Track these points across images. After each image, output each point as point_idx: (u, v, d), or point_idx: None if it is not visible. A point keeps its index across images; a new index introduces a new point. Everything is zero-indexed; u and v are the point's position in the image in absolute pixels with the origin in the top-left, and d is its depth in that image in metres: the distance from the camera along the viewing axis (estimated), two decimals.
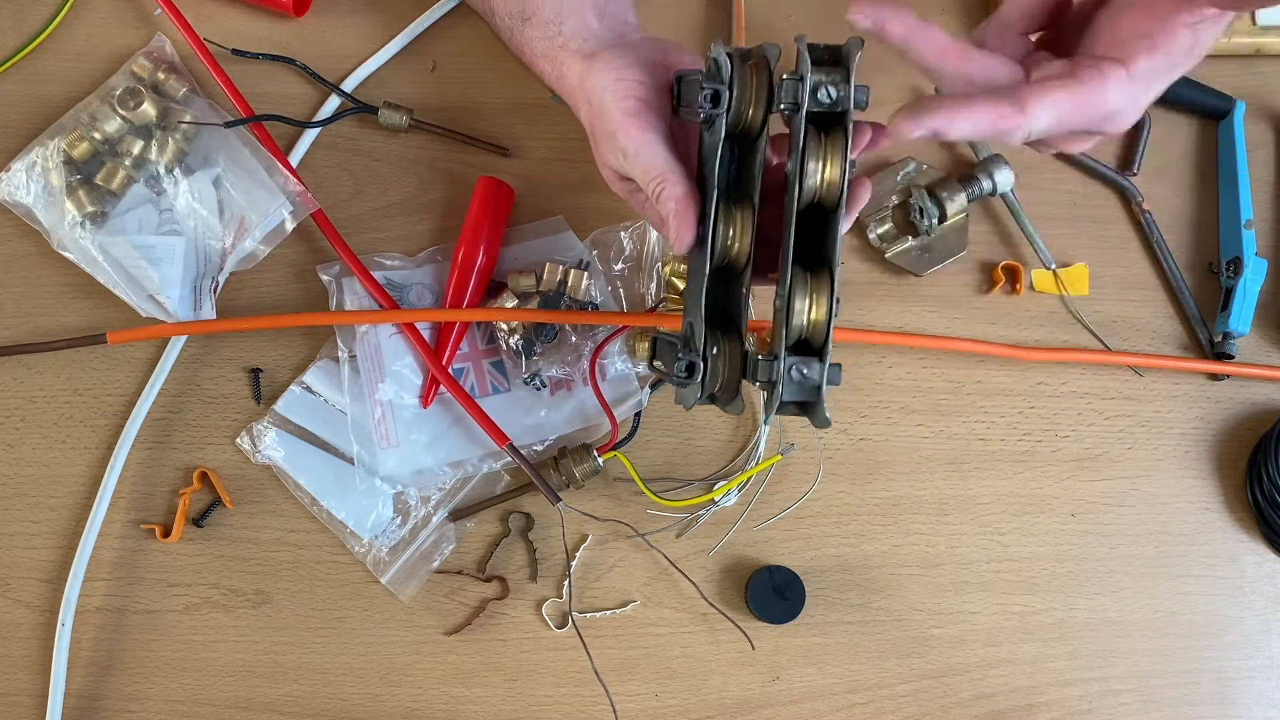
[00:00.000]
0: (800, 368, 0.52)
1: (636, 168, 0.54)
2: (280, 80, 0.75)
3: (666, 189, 0.53)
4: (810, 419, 0.54)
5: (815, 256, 0.53)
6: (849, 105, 0.51)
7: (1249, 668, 0.69)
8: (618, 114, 0.54)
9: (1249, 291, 0.72)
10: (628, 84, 0.54)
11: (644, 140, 0.54)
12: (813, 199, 0.52)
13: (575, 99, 0.59)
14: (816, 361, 0.52)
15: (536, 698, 0.68)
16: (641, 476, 0.69)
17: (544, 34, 0.60)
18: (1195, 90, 0.75)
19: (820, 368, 0.52)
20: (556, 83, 0.60)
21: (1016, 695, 0.69)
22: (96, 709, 0.68)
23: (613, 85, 0.55)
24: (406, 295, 0.71)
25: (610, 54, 0.56)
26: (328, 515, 0.69)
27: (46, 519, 0.70)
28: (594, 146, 0.58)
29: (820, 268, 0.53)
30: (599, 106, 0.55)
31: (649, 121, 0.54)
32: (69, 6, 0.76)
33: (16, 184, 0.71)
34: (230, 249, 0.71)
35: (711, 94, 0.52)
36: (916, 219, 0.71)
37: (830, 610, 0.69)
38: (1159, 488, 0.72)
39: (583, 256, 0.72)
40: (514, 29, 0.62)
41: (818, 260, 0.53)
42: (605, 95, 0.55)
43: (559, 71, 0.59)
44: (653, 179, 0.53)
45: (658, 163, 0.53)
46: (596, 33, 0.59)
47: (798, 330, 0.53)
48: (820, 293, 0.52)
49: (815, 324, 0.53)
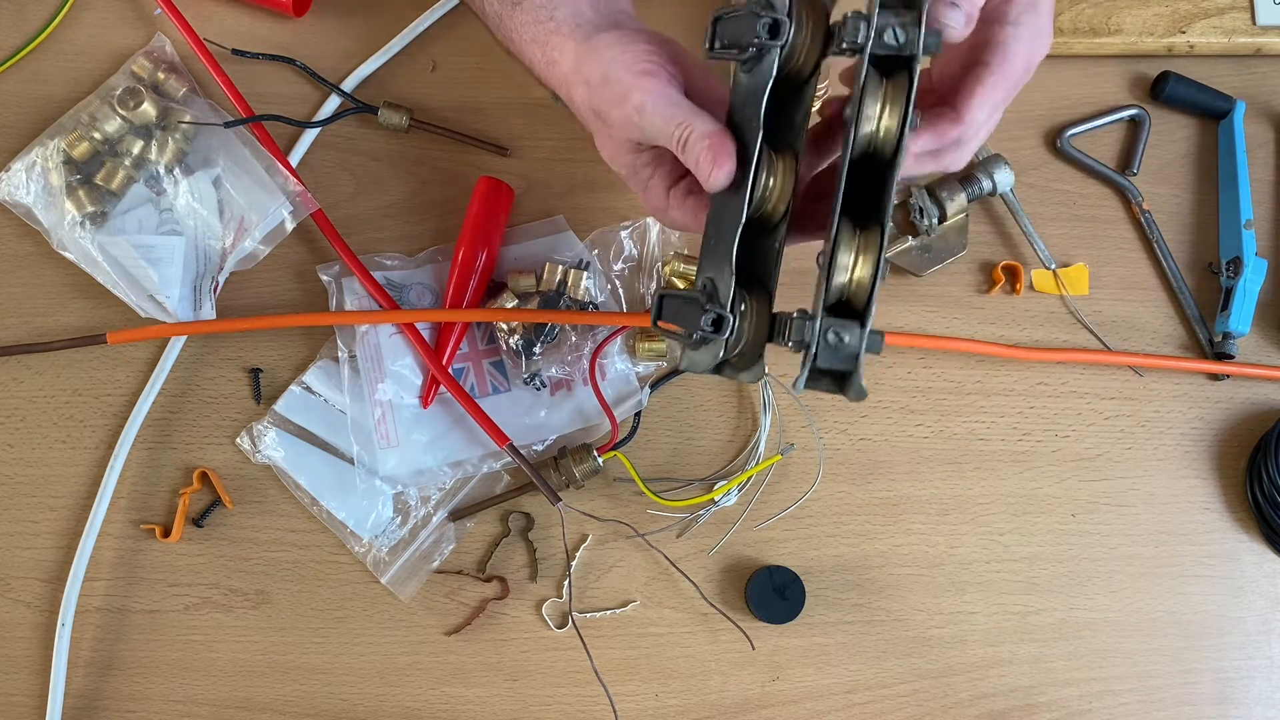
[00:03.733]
0: (838, 331, 0.47)
1: (657, 119, 0.52)
2: (280, 80, 0.75)
3: (695, 130, 0.50)
4: (844, 393, 0.49)
5: (864, 211, 0.49)
6: (917, 50, 0.47)
7: (1249, 668, 0.69)
8: (628, 76, 0.52)
9: (1249, 291, 0.72)
10: (636, 52, 0.53)
11: (662, 92, 0.52)
12: (867, 148, 0.49)
13: (569, 84, 0.57)
14: (856, 326, 0.48)
15: (536, 698, 0.68)
16: (641, 476, 0.69)
17: (534, 18, 0.58)
18: (1195, 90, 0.75)
19: (860, 333, 0.47)
20: (546, 69, 0.59)
21: (1016, 695, 0.69)
22: (96, 709, 0.68)
23: (619, 56, 0.53)
24: (406, 295, 0.71)
25: (611, 35, 0.55)
26: (328, 515, 0.69)
27: (46, 519, 0.70)
28: (596, 125, 0.57)
29: (870, 223, 0.49)
30: (603, 78, 0.54)
31: (664, 79, 0.53)
32: (69, 6, 0.76)
33: (16, 184, 0.71)
34: (230, 249, 0.71)
35: (770, 24, 0.48)
36: (916, 219, 0.71)
37: (830, 610, 0.69)
38: (1159, 488, 0.72)
39: (583, 256, 0.72)
40: (503, 14, 0.60)
41: (867, 215, 0.49)
42: (611, 66, 0.53)
43: (549, 57, 0.58)
44: (678, 125, 0.51)
45: (681, 110, 0.51)
46: (591, 19, 0.57)
47: (838, 290, 0.49)
48: (868, 250, 0.48)
49: (859, 283, 0.48)
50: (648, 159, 0.56)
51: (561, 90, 0.58)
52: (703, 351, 0.50)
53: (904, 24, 0.48)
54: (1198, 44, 0.75)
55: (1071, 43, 0.75)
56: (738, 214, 0.50)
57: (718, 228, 0.51)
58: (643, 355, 0.71)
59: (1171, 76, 0.75)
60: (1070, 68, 0.77)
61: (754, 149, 0.49)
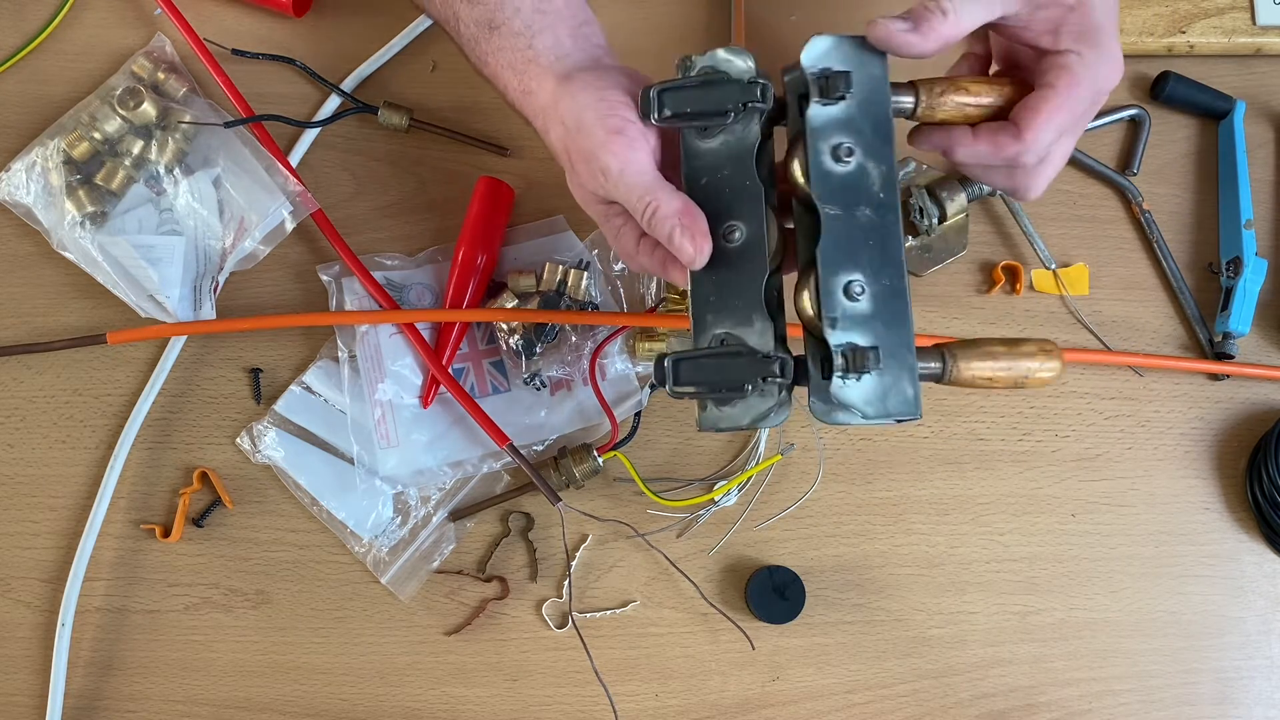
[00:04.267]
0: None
1: (621, 188, 0.53)
2: (280, 80, 0.75)
3: (662, 207, 0.52)
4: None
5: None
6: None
7: (1249, 668, 0.69)
8: (600, 131, 0.53)
9: (1249, 291, 0.72)
10: (611, 104, 0.53)
11: (628, 159, 0.52)
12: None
13: (546, 119, 0.57)
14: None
15: (536, 698, 0.68)
16: (641, 476, 0.69)
17: (511, 45, 0.58)
18: (1195, 90, 0.75)
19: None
20: (522, 98, 0.58)
21: (1016, 695, 0.69)
22: (96, 709, 0.68)
23: (595, 104, 0.53)
24: (406, 295, 0.71)
25: (589, 75, 0.55)
26: (328, 515, 0.69)
27: (46, 519, 0.70)
28: (569, 168, 0.57)
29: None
30: (577, 126, 0.54)
31: (633, 140, 0.53)
32: (69, 6, 0.76)
33: (16, 184, 0.71)
34: (230, 249, 0.71)
35: (762, 89, 0.53)
36: (916, 219, 0.71)
37: (830, 610, 0.69)
38: (1159, 488, 0.72)
39: (583, 256, 0.72)
40: (479, 38, 0.59)
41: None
42: (586, 114, 0.53)
43: (526, 86, 0.58)
44: (642, 199, 0.52)
45: (645, 181, 0.52)
46: (570, 51, 0.57)
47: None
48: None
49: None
50: (618, 210, 0.56)
51: (537, 122, 0.58)
52: (739, 406, 0.52)
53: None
54: (1198, 44, 0.75)
55: None
56: (751, 271, 0.53)
57: (721, 288, 0.54)
58: (643, 355, 0.71)
59: (1171, 76, 0.75)
60: None
61: (763, 210, 0.53)
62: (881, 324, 0.52)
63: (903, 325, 0.52)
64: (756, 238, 0.53)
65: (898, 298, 0.52)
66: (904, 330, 0.52)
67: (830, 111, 0.54)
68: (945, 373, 0.53)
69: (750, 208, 0.53)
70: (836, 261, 0.52)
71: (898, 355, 0.52)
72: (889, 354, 0.52)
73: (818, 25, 0.76)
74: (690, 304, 0.54)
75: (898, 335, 0.52)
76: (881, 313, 0.52)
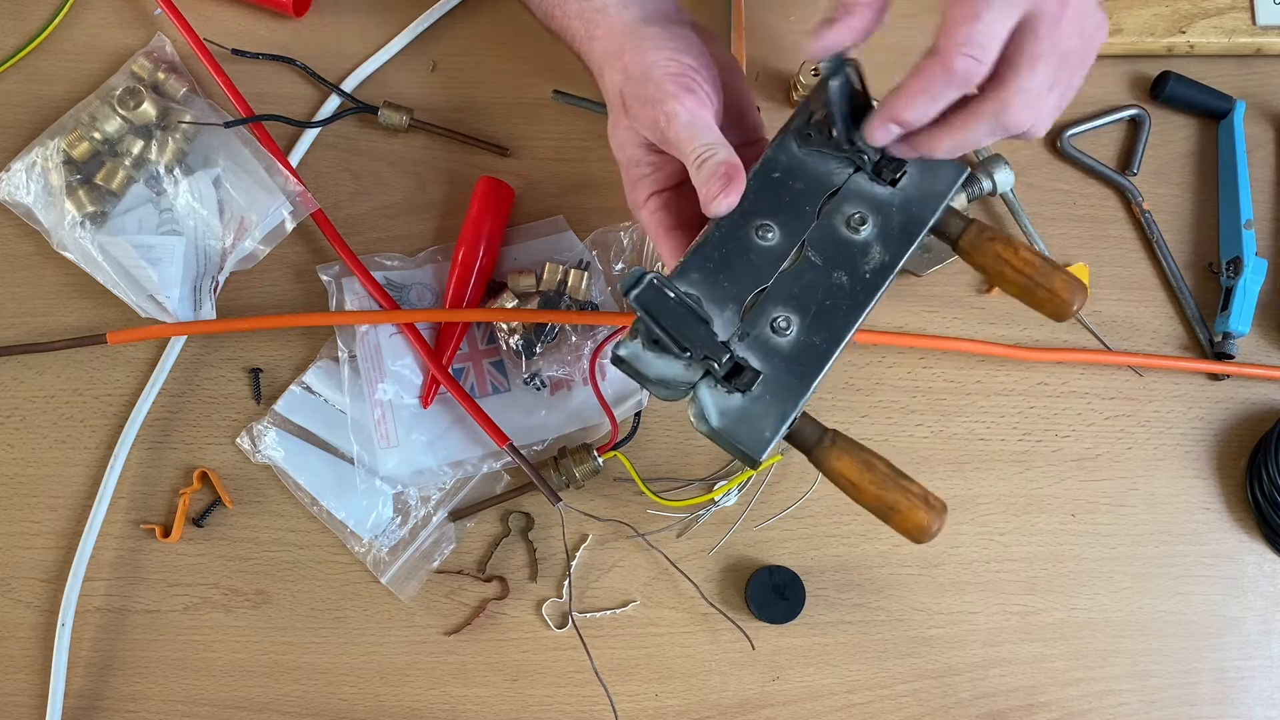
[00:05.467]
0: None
1: (683, 133, 0.54)
2: (280, 80, 0.75)
3: (718, 155, 0.53)
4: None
5: None
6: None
7: (1249, 668, 0.69)
8: (669, 84, 0.55)
9: (1249, 291, 0.72)
10: (683, 65, 0.55)
11: (696, 111, 0.54)
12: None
13: (605, 62, 0.59)
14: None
15: (536, 698, 0.68)
16: (641, 476, 0.69)
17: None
18: (1195, 90, 0.75)
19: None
20: (586, 43, 0.60)
21: (1016, 695, 0.69)
22: (96, 709, 0.68)
23: (666, 62, 0.55)
24: (406, 295, 0.71)
25: (661, 32, 0.57)
26: (328, 515, 0.69)
27: (46, 519, 0.70)
28: (618, 111, 0.58)
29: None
30: (643, 76, 0.55)
31: (702, 100, 0.55)
32: (69, 6, 0.76)
33: (16, 184, 0.71)
34: (230, 249, 0.71)
35: (874, 165, 0.56)
36: None
37: (830, 610, 0.69)
38: (1159, 488, 0.72)
39: (583, 256, 0.72)
40: None
41: None
42: (655, 70, 0.55)
43: (591, 33, 0.60)
44: (704, 145, 0.54)
45: (710, 134, 0.54)
46: (638, 0, 0.59)
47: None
48: None
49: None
50: (652, 160, 0.58)
51: (594, 65, 0.60)
52: (661, 361, 0.53)
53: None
54: (1198, 44, 0.75)
55: None
56: (754, 272, 0.55)
57: (724, 259, 0.55)
58: None
59: (1171, 76, 0.75)
60: None
61: (801, 238, 0.55)
62: (785, 368, 0.53)
63: (803, 381, 0.53)
64: (779, 253, 0.55)
65: (818, 359, 0.54)
66: (801, 385, 0.53)
67: (872, 187, 0.56)
68: (814, 447, 0.54)
69: (793, 227, 0.55)
70: (785, 295, 0.54)
71: (780, 399, 0.53)
72: (772, 392, 0.53)
73: None
74: (693, 245, 0.55)
75: (793, 385, 0.53)
76: (794, 360, 0.53)
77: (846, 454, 0.53)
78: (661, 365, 0.53)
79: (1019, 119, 0.50)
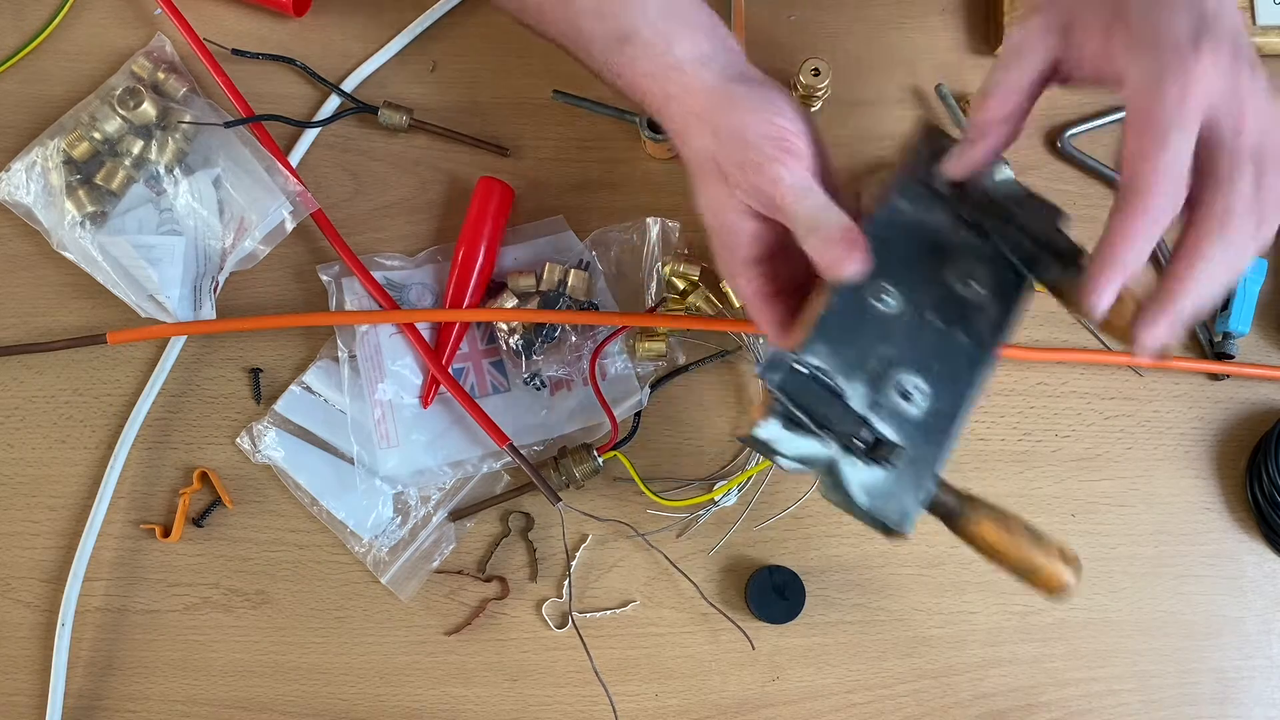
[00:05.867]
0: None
1: (790, 198, 0.52)
2: (280, 80, 0.75)
3: (834, 221, 0.51)
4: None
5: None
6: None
7: (1249, 668, 0.69)
8: (770, 148, 0.52)
9: (1249, 291, 0.72)
10: (781, 128, 0.53)
11: (802, 175, 0.53)
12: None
13: (689, 125, 0.56)
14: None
15: (536, 698, 0.68)
16: (641, 476, 0.69)
17: (647, 54, 0.57)
18: None
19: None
20: (664, 103, 0.57)
21: (1016, 695, 0.69)
22: (96, 709, 0.68)
23: (762, 124, 0.53)
24: (406, 295, 0.71)
25: (750, 92, 0.55)
26: (328, 515, 0.69)
27: (46, 519, 0.70)
28: (710, 174, 0.55)
29: None
30: (738, 137, 0.53)
31: (804, 163, 0.53)
32: (69, 6, 0.76)
33: (16, 184, 0.71)
34: (230, 249, 0.71)
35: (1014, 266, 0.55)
36: None
37: (830, 610, 0.69)
38: (1159, 488, 0.72)
39: (583, 256, 0.72)
40: (611, 51, 0.59)
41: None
42: (751, 132, 0.53)
43: (667, 92, 0.57)
44: (819, 209, 0.52)
45: (820, 198, 0.52)
46: (712, 55, 0.56)
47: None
48: None
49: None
50: (749, 227, 0.55)
51: (675, 124, 0.57)
52: (798, 439, 0.51)
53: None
54: None
55: None
56: (883, 335, 0.53)
57: (847, 328, 0.53)
58: (643, 355, 0.71)
59: None
60: None
61: (918, 306, 0.53)
62: (919, 435, 0.52)
63: (938, 447, 0.52)
64: (899, 316, 0.53)
65: (948, 424, 0.53)
66: (936, 452, 0.52)
67: (975, 241, 0.55)
68: (956, 514, 0.53)
69: (909, 288, 0.54)
70: (910, 359, 0.53)
71: (916, 468, 0.52)
72: (909, 461, 0.51)
73: (818, 25, 0.76)
74: (816, 315, 0.53)
75: (928, 453, 0.52)
76: (925, 427, 0.52)
77: (988, 519, 0.52)
78: (801, 444, 0.51)
79: (1252, 233, 0.48)
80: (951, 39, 0.77)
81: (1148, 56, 0.46)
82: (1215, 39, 0.46)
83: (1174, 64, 0.46)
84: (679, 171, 0.75)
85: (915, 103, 0.75)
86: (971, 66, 0.76)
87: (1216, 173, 0.47)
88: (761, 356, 0.50)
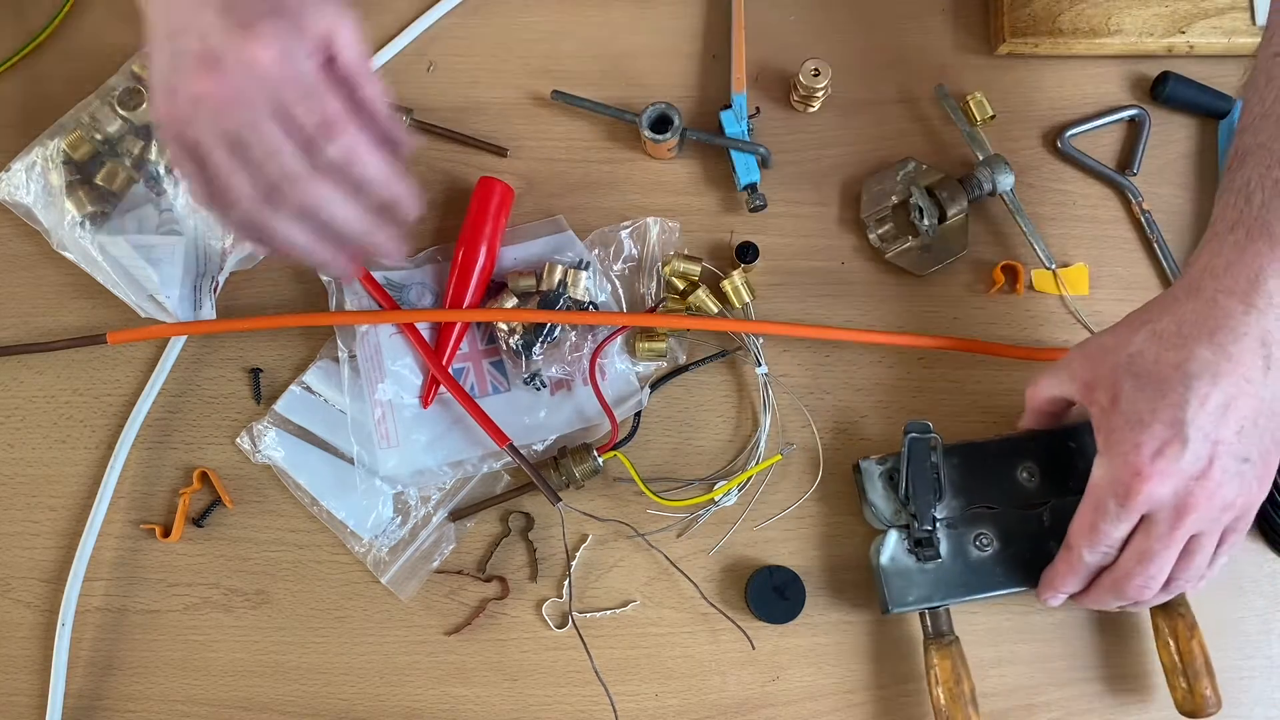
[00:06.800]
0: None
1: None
2: None
3: None
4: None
5: None
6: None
7: (1249, 668, 0.69)
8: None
9: None
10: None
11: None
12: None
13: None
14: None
15: (536, 698, 0.68)
16: (641, 476, 0.69)
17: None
18: (1195, 90, 0.75)
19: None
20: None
21: (1016, 695, 0.69)
22: (96, 709, 0.68)
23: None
24: (406, 295, 0.71)
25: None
26: (328, 515, 0.69)
27: (46, 519, 0.70)
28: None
29: None
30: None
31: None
32: (69, 6, 0.76)
33: (16, 184, 0.71)
34: (230, 249, 0.71)
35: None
36: (916, 219, 0.71)
37: (830, 610, 0.69)
38: None
39: (583, 256, 0.72)
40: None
41: None
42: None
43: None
44: None
45: None
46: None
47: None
48: None
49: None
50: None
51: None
52: (887, 494, 0.66)
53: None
54: (1198, 44, 0.75)
55: (1071, 43, 0.75)
56: (1005, 492, 0.66)
57: (988, 469, 0.66)
58: (643, 355, 0.71)
59: (1171, 76, 0.75)
60: (1070, 68, 0.77)
61: (1057, 494, 0.66)
62: (963, 571, 0.64)
63: (966, 590, 0.64)
64: (1029, 492, 0.65)
65: (988, 585, 0.64)
66: (963, 591, 0.64)
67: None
68: (931, 637, 0.65)
69: (1053, 482, 0.65)
70: (1006, 523, 0.65)
71: (939, 587, 0.64)
72: (938, 577, 0.64)
73: (818, 25, 0.76)
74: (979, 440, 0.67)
75: (956, 587, 0.64)
76: (973, 571, 0.64)
77: (949, 660, 0.63)
78: (881, 495, 0.65)
79: (1135, 594, 0.59)
80: (951, 39, 0.77)
81: (1114, 464, 0.56)
82: (1178, 452, 0.54)
83: (1125, 481, 0.56)
84: (679, 171, 0.75)
85: (915, 103, 0.75)
86: (971, 66, 0.76)
87: (1131, 551, 0.59)
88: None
